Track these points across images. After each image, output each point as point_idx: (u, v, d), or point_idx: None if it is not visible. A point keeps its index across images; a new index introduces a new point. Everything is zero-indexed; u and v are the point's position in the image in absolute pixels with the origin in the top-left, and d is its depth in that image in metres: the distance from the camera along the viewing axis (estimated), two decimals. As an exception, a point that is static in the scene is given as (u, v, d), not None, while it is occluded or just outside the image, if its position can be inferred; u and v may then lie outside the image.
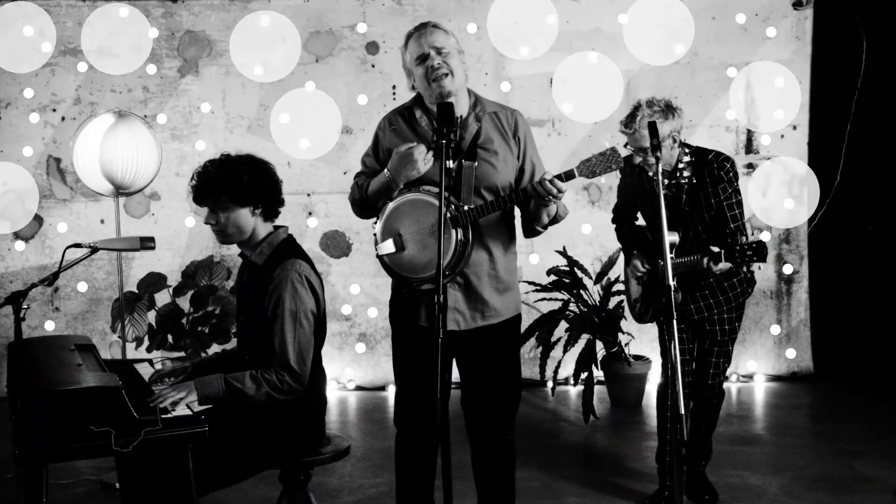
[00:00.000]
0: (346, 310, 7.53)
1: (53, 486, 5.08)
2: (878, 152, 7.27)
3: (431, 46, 3.79)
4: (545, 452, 5.85)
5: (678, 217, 4.63)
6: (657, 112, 4.48)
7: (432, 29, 3.84)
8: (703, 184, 4.63)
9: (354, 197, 4.03)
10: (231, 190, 3.89)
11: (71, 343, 3.94)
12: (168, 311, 6.64)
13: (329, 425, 4.30)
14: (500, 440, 3.98)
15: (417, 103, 3.96)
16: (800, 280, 7.65)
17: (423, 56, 3.79)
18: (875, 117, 7.28)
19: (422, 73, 3.80)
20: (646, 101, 4.56)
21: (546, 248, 7.28)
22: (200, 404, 3.68)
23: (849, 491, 5.06)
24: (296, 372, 3.81)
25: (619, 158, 3.69)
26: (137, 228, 7.32)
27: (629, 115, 4.55)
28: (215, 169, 3.93)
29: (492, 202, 3.74)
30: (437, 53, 3.78)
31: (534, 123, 7.32)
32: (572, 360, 6.64)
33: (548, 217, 3.89)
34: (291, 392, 3.81)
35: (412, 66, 3.86)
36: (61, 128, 7.38)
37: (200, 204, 3.96)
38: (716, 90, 7.40)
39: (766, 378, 7.57)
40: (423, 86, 3.83)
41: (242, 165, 3.95)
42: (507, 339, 3.98)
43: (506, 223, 3.95)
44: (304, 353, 3.85)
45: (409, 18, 7.34)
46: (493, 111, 3.95)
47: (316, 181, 7.49)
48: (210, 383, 3.77)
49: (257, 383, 3.78)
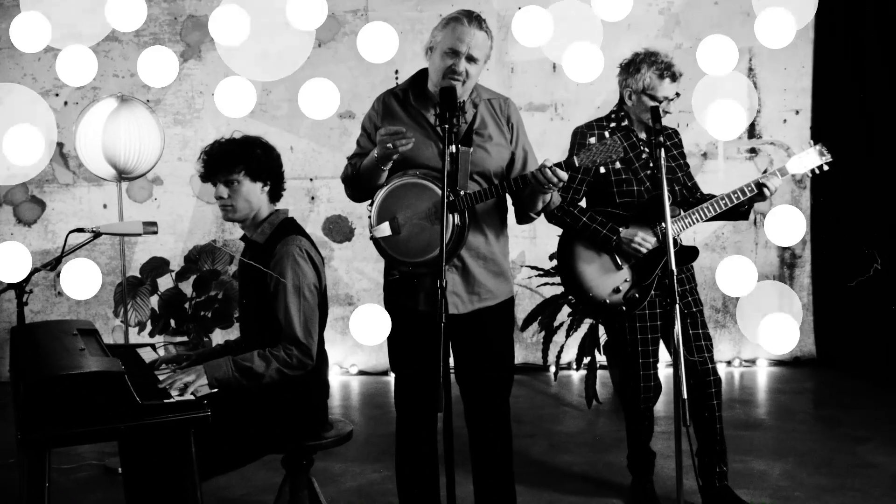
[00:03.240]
0: (348, 294, 7.53)
1: (56, 470, 5.10)
2: (881, 136, 7.25)
3: (468, 50, 3.73)
4: (547, 437, 5.86)
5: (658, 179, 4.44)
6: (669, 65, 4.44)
7: (477, 29, 3.76)
8: (668, 146, 4.57)
9: (347, 174, 4.00)
10: (247, 162, 3.92)
11: (73, 328, 3.94)
12: (171, 296, 6.65)
13: (332, 410, 4.31)
14: (497, 420, 4.00)
15: (414, 84, 3.94)
16: (802, 265, 7.64)
17: (454, 52, 3.74)
18: (878, 101, 7.25)
19: (442, 65, 3.76)
20: (650, 51, 4.50)
21: (549, 233, 7.25)
22: (211, 388, 3.68)
23: (851, 476, 5.06)
24: (303, 345, 3.81)
25: (619, 148, 3.68)
26: (140, 213, 7.33)
27: (658, 66, 4.43)
28: (229, 144, 3.97)
29: (490, 189, 3.73)
30: (468, 60, 3.73)
31: (536, 108, 7.32)
32: (575, 344, 6.64)
33: (542, 203, 3.90)
34: (301, 366, 3.81)
35: (439, 49, 3.78)
36: (64, 112, 7.37)
37: (212, 178, 3.95)
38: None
39: (768, 363, 7.58)
40: (437, 71, 3.80)
41: (255, 143, 4.01)
42: (502, 321, 3.99)
43: (499, 208, 3.96)
44: (310, 326, 3.86)
45: (413, 3, 7.32)
46: (488, 98, 3.95)
47: (319, 166, 7.48)
48: (220, 366, 3.77)
49: (266, 361, 3.78)
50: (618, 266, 4.46)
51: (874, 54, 7.23)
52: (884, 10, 7.15)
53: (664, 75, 4.41)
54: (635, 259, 4.43)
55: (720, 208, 4.44)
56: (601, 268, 4.48)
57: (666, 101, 4.44)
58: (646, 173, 4.50)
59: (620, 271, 4.46)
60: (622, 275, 4.46)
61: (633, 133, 4.53)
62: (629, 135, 4.51)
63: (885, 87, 7.18)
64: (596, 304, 4.50)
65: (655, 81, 4.41)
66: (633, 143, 4.51)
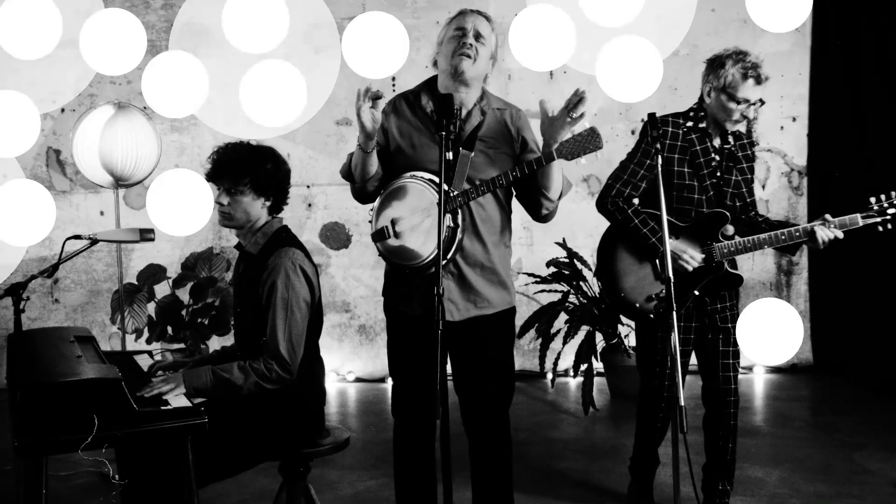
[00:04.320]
0: (345, 301, 7.53)
1: (53, 477, 5.09)
2: (877, 143, 7.26)
3: (474, 27, 3.82)
4: (544, 444, 5.86)
5: (727, 190, 4.34)
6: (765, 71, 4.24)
7: (483, 18, 3.88)
8: (740, 158, 4.40)
9: (343, 169, 4.01)
10: (255, 176, 3.90)
11: (70, 335, 3.94)
12: (168, 303, 6.65)
13: (329, 417, 4.31)
14: (496, 430, 3.98)
15: (426, 87, 3.96)
16: (799, 272, 7.65)
17: (462, 30, 3.81)
18: (875, 109, 7.27)
19: (451, 47, 3.81)
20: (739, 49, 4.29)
21: (546, 240, 7.28)
22: (189, 396, 3.66)
23: (848, 483, 5.06)
24: (284, 360, 3.79)
25: (599, 140, 3.66)
26: (137, 220, 7.32)
27: (743, 65, 4.23)
28: (242, 152, 3.95)
29: (480, 185, 3.70)
30: (475, 37, 3.81)
31: (533, 116, 7.29)
32: (572, 351, 6.65)
33: (557, 184, 3.85)
34: (280, 381, 3.80)
35: (446, 38, 3.86)
36: (61, 119, 7.37)
37: (216, 182, 3.95)
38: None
39: (766, 369, 7.58)
40: (446, 56, 3.83)
41: (268, 155, 3.98)
42: (499, 330, 3.97)
43: (502, 217, 3.94)
44: (295, 342, 3.84)
45: (409, 10, 7.34)
46: (499, 107, 3.96)
47: (315, 173, 7.49)
48: (199, 375, 3.76)
49: (245, 373, 3.76)
50: (658, 276, 4.35)
51: (870, 61, 7.24)
52: (878, 18, 7.18)
53: (748, 75, 4.20)
54: (676, 274, 4.23)
55: (762, 246, 4.26)
56: (640, 273, 4.38)
57: (746, 105, 4.23)
58: (712, 182, 4.32)
59: (659, 281, 4.35)
60: (660, 285, 4.33)
61: (708, 137, 4.34)
62: (704, 138, 4.34)
63: (881, 95, 7.21)
64: (626, 306, 4.44)
65: (738, 80, 4.20)
66: (705, 149, 4.33)
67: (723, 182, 4.34)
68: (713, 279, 4.30)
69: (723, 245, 4.27)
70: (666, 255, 3.69)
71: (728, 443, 4.50)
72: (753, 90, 4.21)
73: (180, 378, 3.73)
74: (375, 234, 3.78)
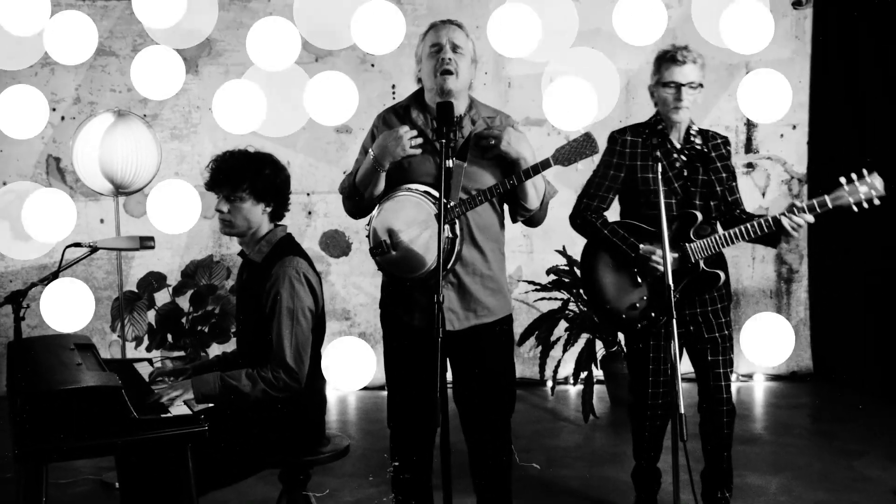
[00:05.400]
0: (345, 309, 7.53)
1: (53, 485, 5.08)
2: (878, 151, 7.26)
3: (449, 41, 3.82)
4: (544, 451, 5.85)
5: (695, 190, 4.33)
6: (692, 54, 4.28)
7: (456, 27, 3.88)
8: (712, 158, 4.38)
9: (344, 186, 4.02)
10: (253, 182, 3.91)
11: (70, 342, 3.94)
12: (168, 311, 6.64)
13: (329, 425, 4.30)
14: (494, 437, 3.98)
15: (415, 101, 3.97)
16: (799, 279, 7.65)
17: (438, 46, 3.82)
18: (875, 116, 7.27)
19: (431, 64, 3.82)
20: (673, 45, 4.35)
21: (546, 248, 7.28)
22: (197, 402, 3.69)
23: (848, 490, 5.06)
24: (292, 369, 3.81)
25: (595, 144, 3.68)
26: (137, 228, 7.31)
27: (664, 55, 4.31)
28: (240, 159, 3.95)
29: (477, 195, 3.73)
30: (451, 49, 3.81)
31: (533, 123, 7.32)
32: (572, 359, 6.64)
33: (535, 195, 3.88)
34: (287, 389, 3.81)
35: (424, 55, 3.88)
36: (61, 127, 7.38)
37: (215, 190, 3.96)
38: (715, 89, 7.39)
39: (765, 377, 7.58)
40: (429, 75, 3.85)
41: (266, 161, 3.99)
42: (499, 338, 3.98)
43: (497, 224, 3.96)
44: (301, 351, 3.85)
45: (409, 18, 7.33)
46: (488, 115, 3.97)
47: (316, 181, 7.49)
48: (207, 381, 3.78)
49: (253, 381, 3.78)
50: (637, 283, 4.35)
51: (870, 69, 7.25)
52: (878, 25, 7.18)
53: (667, 57, 4.27)
54: (653, 277, 4.29)
55: (734, 241, 4.23)
56: (620, 282, 4.38)
57: (676, 88, 4.25)
58: (679, 184, 4.33)
59: (639, 288, 4.35)
60: (640, 292, 4.34)
61: (668, 141, 4.36)
62: (665, 142, 4.35)
63: (881, 102, 7.20)
64: (613, 318, 4.43)
65: (663, 66, 4.28)
66: (667, 151, 4.34)
67: (690, 182, 4.35)
68: (691, 280, 4.31)
69: (695, 245, 4.27)
70: (666, 262, 3.70)
71: (723, 451, 4.48)
72: (681, 70, 4.25)
73: (188, 384, 3.75)
74: (373, 249, 3.79)
